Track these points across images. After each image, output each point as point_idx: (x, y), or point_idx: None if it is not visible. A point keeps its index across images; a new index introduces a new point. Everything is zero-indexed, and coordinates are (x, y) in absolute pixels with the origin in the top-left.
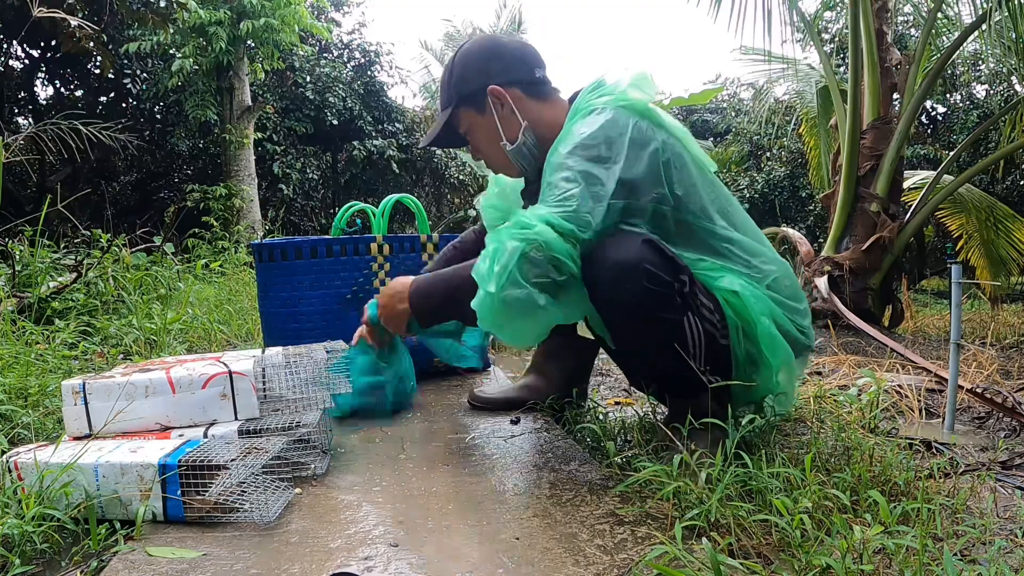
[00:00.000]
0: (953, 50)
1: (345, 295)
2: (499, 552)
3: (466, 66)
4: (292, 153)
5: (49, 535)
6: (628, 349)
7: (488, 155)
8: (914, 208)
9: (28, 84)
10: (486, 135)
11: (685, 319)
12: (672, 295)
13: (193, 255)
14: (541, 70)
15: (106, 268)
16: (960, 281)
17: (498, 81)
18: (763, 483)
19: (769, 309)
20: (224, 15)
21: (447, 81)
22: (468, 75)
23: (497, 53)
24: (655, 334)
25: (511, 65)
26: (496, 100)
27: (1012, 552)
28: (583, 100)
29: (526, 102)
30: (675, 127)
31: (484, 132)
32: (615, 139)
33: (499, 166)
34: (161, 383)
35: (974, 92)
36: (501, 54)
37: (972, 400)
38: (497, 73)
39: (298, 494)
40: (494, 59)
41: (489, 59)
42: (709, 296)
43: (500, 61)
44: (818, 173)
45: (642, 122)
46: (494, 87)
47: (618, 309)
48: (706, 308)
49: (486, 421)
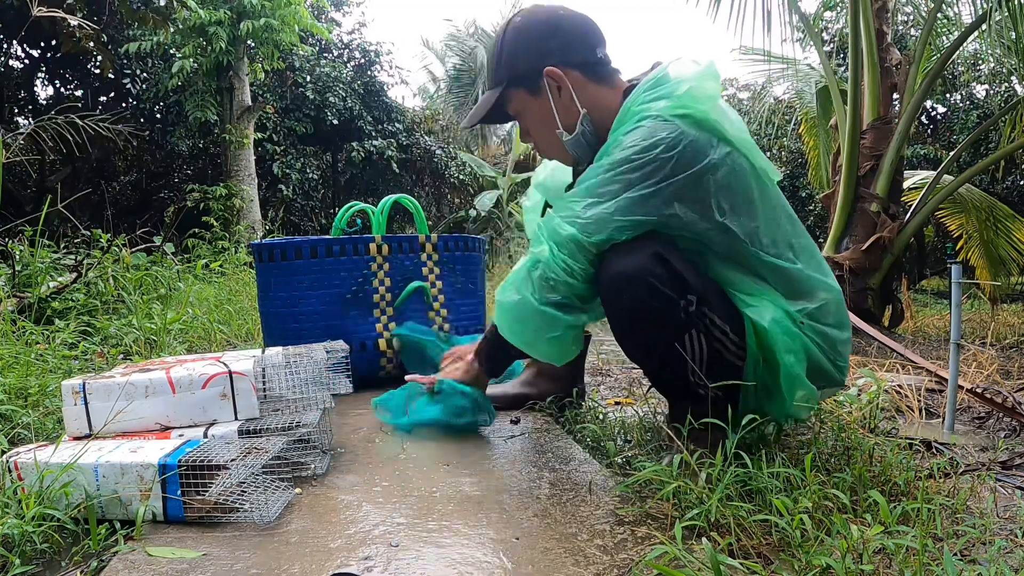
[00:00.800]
0: (953, 50)
1: (345, 295)
2: (499, 552)
3: (518, 42)
4: (292, 153)
5: (49, 535)
6: (629, 353)
7: (540, 141)
8: (914, 208)
9: (28, 84)
10: (540, 120)
11: (687, 336)
12: (675, 311)
13: (193, 255)
14: (603, 48)
15: (106, 268)
16: (960, 281)
17: (556, 61)
18: (763, 483)
19: (802, 344)
20: (224, 15)
21: (497, 57)
22: (521, 52)
23: (556, 28)
24: (653, 346)
25: (571, 43)
26: (553, 83)
27: (1012, 552)
28: (639, 100)
29: (587, 86)
30: (739, 138)
31: (538, 116)
32: (663, 160)
33: (551, 153)
34: (161, 383)
35: (974, 92)
36: (560, 29)
37: (972, 400)
38: (555, 52)
39: (298, 494)
40: (552, 35)
41: (547, 35)
42: (732, 319)
43: (559, 38)
44: (818, 173)
45: (700, 137)
46: (552, 68)
47: (617, 318)
48: (719, 330)
49: None
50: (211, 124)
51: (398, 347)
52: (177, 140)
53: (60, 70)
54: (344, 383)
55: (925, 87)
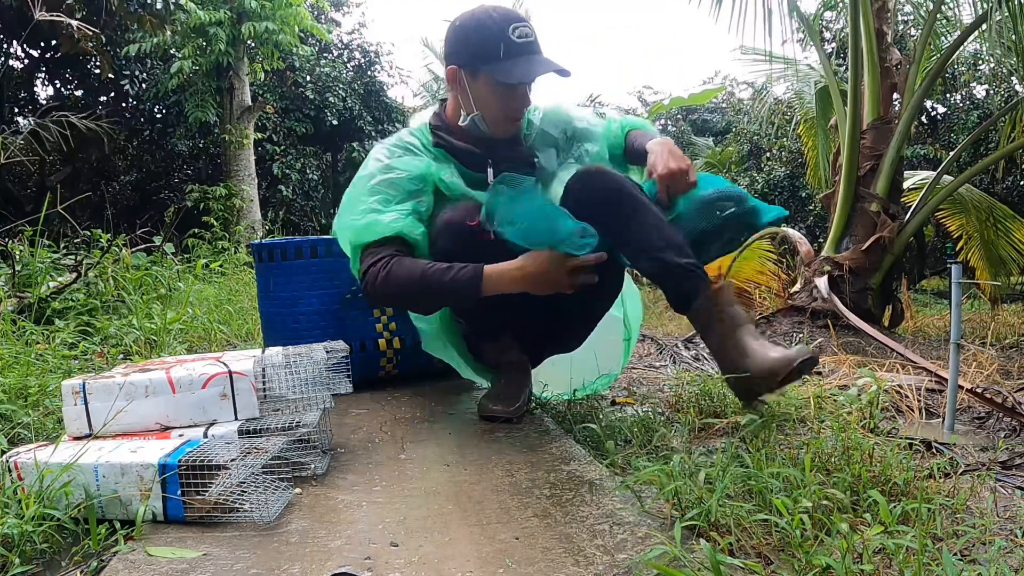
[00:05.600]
0: (953, 50)
1: (345, 295)
2: (499, 552)
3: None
4: (292, 153)
5: (49, 535)
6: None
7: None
8: (914, 208)
9: (28, 84)
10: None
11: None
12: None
13: (193, 255)
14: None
15: (106, 268)
16: (960, 281)
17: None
18: (763, 483)
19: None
20: (224, 15)
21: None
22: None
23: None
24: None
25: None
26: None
27: (1012, 552)
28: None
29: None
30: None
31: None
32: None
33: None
34: (161, 383)
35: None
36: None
37: (972, 400)
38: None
39: (298, 494)
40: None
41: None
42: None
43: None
44: (817, 173)
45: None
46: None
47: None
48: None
49: (486, 422)
50: (211, 124)
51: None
52: (177, 140)
53: (60, 70)
54: (344, 383)
55: (925, 87)
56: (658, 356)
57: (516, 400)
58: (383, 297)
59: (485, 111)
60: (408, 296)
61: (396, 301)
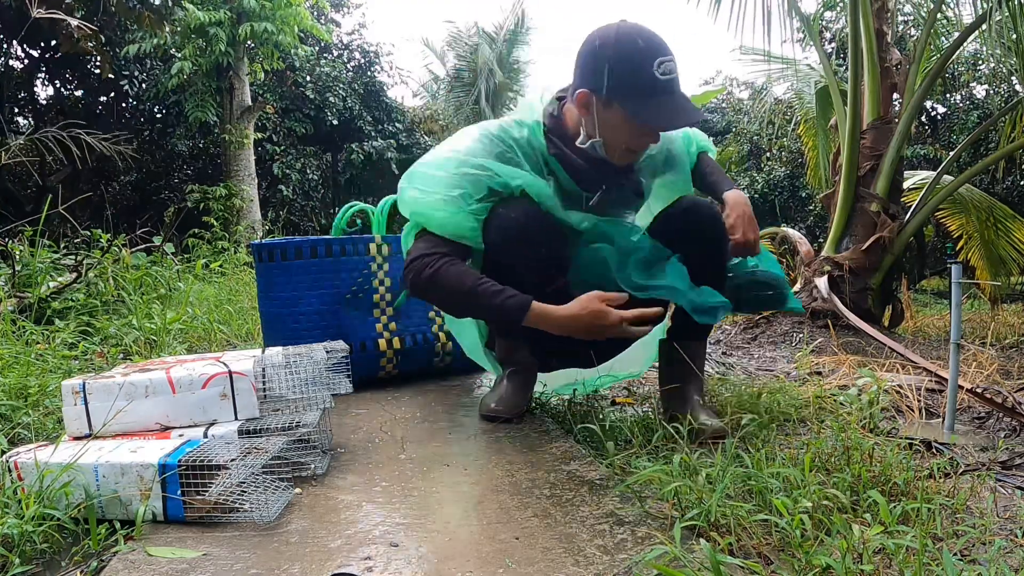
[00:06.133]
0: (953, 50)
1: (345, 295)
2: (499, 552)
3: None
4: (292, 153)
5: (49, 535)
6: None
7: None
8: (914, 208)
9: (28, 84)
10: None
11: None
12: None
13: (193, 255)
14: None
15: (106, 268)
16: (960, 281)
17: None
18: (763, 483)
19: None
20: (224, 15)
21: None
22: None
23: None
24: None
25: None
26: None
27: (1012, 552)
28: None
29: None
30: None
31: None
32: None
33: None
34: (161, 383)
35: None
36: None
37: (972, 400)
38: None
39: (298, 494)
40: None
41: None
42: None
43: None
44: (817, 173)
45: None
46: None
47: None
48: None
49: (486, 421)
50: (211, 124)
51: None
52: (177, 140)
53: (60, 70)
54: (344, 383)
55: (925, 87)
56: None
57: (517, 401)
58: (422, 292)
59: (610, 140)
60: (447, 301)
61: (432, 300)
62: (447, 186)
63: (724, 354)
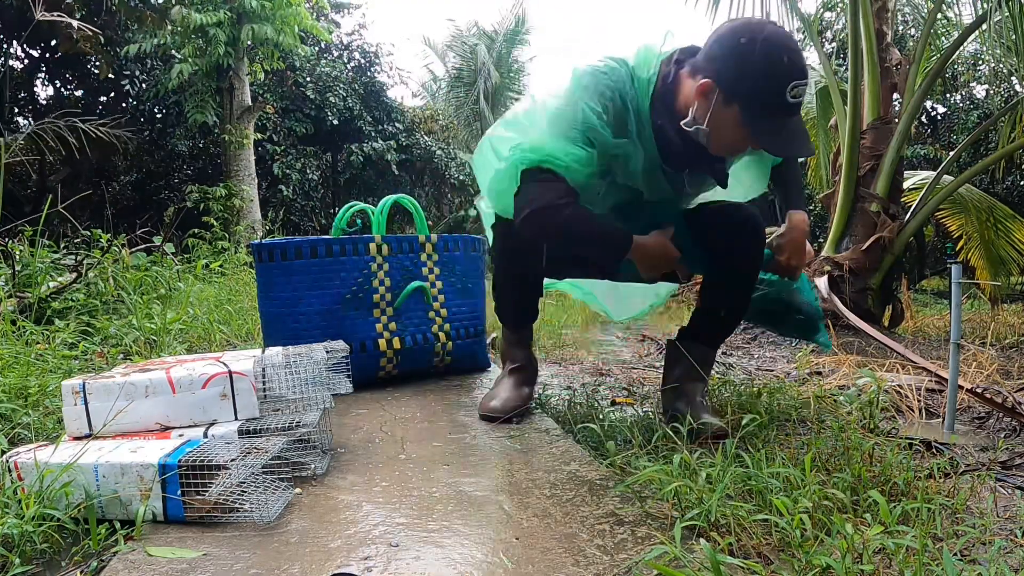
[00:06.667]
0: (953, 50)
1: (345, 295)
2: (499, 552)
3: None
4: (292, 153)
5: (49, 535)
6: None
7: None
8: (914, 208)
9: (28, 84)
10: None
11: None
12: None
13: (193, 255)
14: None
15: (106, 268)
16: (960, 281)
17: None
18: (763, 483)
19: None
20: (224, 16)
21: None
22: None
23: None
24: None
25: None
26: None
27: (1012, 552)
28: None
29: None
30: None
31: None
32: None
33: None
34: (161, 383)
35: (974, 92)
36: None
37: (972, 400)
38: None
39: (298, 494)
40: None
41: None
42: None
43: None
44: (817, 173)
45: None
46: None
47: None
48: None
49: (486, 421)
50: (211, 125)
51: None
52: (177, 140)
53: (60, 70)
54: (344, 383)
55: (925, 87)
56: (658, 356)
57: (517, 401)
58: (548, 231)
59: (715, 134)
60: (572, 243)
61: (554, 239)
62: (568, 138)
63: (724, 354)
